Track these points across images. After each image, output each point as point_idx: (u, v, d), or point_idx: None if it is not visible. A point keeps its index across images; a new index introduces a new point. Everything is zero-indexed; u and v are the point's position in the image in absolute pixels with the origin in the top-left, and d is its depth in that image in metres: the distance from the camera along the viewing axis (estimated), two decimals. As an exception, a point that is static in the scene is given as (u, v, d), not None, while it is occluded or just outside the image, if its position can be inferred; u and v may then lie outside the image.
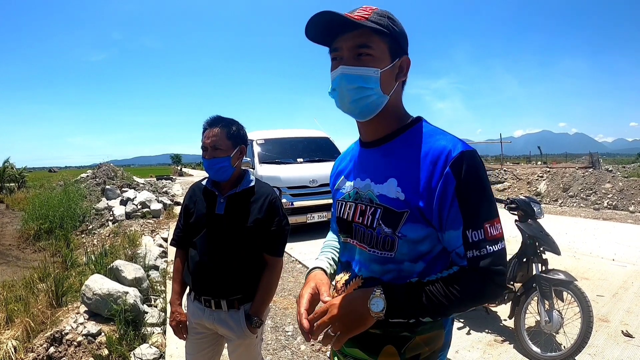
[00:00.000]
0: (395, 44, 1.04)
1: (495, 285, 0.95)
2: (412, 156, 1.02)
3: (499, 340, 3.37)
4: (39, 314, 3.91)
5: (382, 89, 1.03)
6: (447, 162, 0.96)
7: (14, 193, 17.35)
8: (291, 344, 3.47)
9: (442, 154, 0.97)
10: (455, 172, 0.95)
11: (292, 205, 7.39)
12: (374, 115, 1.07)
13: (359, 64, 1.01)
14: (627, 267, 5.27)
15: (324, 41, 1.09)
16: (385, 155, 1.09)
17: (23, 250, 9.25)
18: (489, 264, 0.95)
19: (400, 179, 1.02)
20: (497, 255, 0.96)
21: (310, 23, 1.02)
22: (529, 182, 13.59)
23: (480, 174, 0.97)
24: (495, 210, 1.00)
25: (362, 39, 1.01)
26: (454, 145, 0.98)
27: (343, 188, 1.21)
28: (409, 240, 1.00)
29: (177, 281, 2.01)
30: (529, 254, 3.25)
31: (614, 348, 3.19)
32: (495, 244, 0.96)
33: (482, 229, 0.96)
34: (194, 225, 1.92)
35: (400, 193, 1.01)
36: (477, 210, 0.96)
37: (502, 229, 1.00)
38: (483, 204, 0.97)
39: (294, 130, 9.57)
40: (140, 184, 14.97)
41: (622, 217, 9.37)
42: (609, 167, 14.87)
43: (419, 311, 0.95)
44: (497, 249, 0.97)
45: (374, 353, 1.07)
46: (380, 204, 1.04)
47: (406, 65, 1.09)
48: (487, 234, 0.96)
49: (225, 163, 1.83)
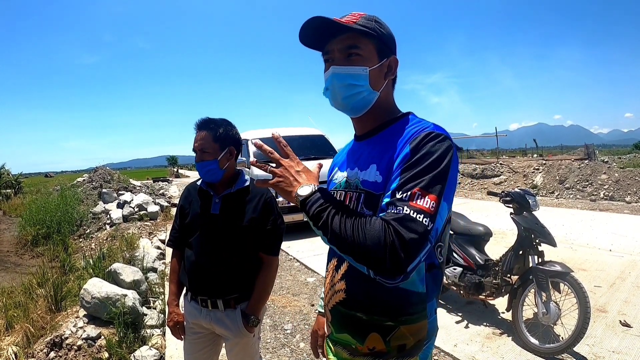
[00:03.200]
0: (382, 45, 1.12)
1: (392, 249, 0.86)
2: (391, 143, 1.07)
3: (497, 333, 3.39)
4: (39, 319, 3.90)
5: (371, 86, 1.11)
6: (409, 139, 1.01)
7: (10, 199, 17.28)
8: (290, 342, 3.47)
9: (413, 135, 1.02)
10: (412, 146, 0.98)
11: (288, 203, 7.38)
12: (366, 110, 1.15)
13: (348, 63, 1.10)
14: (624, 257, 5.30)
15: (317, 46, 1.17)
16: (372, 146, 1.15)
17: (21, 256, 9.22)
18: (395, 219, 0.89)
19: (379, 164, 1.07)
20: (412, 222, 0.88)
21: (303, 29, 1.10)
22: (525, 175, 13.64)
23: (436, 152, 0.96)
24: (439, 191, 0.93)
25: (351, 41, 1.09)
26: (425, 127, 1.03)
27: (336, 179, 1.27)
28: None
29: (174, 282, 2.02)
30: (525, 247, 3.27)
31: (612, 338, 3.21)
32: (415, 212, 0.89)
33: (410, 192, 0.92)
34: (190, 225, 1.93)
35: (378, 176, 1.06)
36: (414, 178, 0.93)
37: (435, 211, 0.92)
38: (424, 176, 0.93)
39: (288, 129, 9.56)
40: (136, 186, 14.95)
41: (618, 208, 9.42)
42: (605, 158, 14.94)
43: (322, 224, 0.95)
44: (416, 217, 0.89)
45: (361, 337, 1.11)
46: (363, 189, 1.10)
47: (394, 65, 1.16)
48: (413, 199, 0.91)
49: (213, 166, 1.84)
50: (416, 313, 1.06)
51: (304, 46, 1.17)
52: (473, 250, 3.69)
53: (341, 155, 1.34)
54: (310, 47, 1.18)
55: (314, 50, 1.19)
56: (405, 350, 1.07)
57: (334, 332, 1.20)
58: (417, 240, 0.87)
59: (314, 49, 1.19)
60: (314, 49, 1.19)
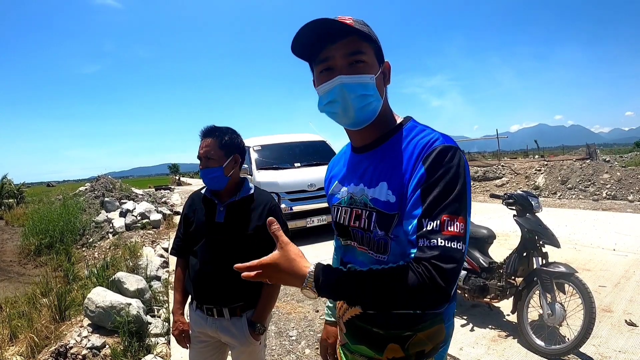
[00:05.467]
0: (378, 50, 1.06)
1: (434, 285, 0.85)
2: (399, 158, 1.02)
3: (503, 335, 3.38)
4: (43, 329, 3.89)
5: (379, 94, 1.05)
6: (421, 157, 0.96)
7: (13, 209, 17.32)
8: (295, 348, 3.47)
9: (422, 151, 0.97)
10: (426, 166, 0.94)
11: (291, 210, 7.38)
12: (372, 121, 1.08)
13: (355, 71, 1.01)
14: (629, 256, 5.28)
15: (307, 55, 1.09)
16: (376, 160, 1.09)
17: (24, 266, 9.23)
18: (433, 257, 0.87)
19: (390, 182, 1.02)
20: (448, 252, 0.87)
21: (300, 34, 1.01)
22: (527, 176, 13.62)
23: (453, 169, 0.93)
24: (464, 210, 0.92)
25: (355, 46, 1.01)
26: (434, 141, 0.97)
27: (338, 193, 1.22)
28: (401, 241, 1.00)
29: (179, 290, 2.02)
30: (528, 248, 3.26)
31: (618, 338, 3.20)
32: (449, 240, 0.88)
33: (439, 221, 0.89)
34: (194, 233, 1.93)
35: (390, 195, 1.01)
36: (438, 202, 0.91)
37: (465, 231, 0.91)
38: (447, 198, 0.91)
39: (290, 135, 9.59)
40: (139, 195, 14.95)
41: (621, 207, 9.39)
42: (607, 157, 14.92)
43: (351, 299, 0.93)
44: (450, 246, 0.88)
45: (379, 350, 1.09)
46: (374, 208, 1.04)
47: (388, 70, 1.11)
48: (443, 227, 0.89)
49: (218, 173, 1.84)
50: (432, 319, 1.06)
51: (295, 56, 1.09)
52: (477, 253, 3.68)
53: (338, 166, 1.28)
54: (301, 56, 1.10)
55: (303, 60, 1.12)
56: (423, 355, 1.07)
57: (350, 343, 1.19)
58: (455, 268, 0.88)
59: (304, 59, 1.11)
60: (304, 59, 1.11)
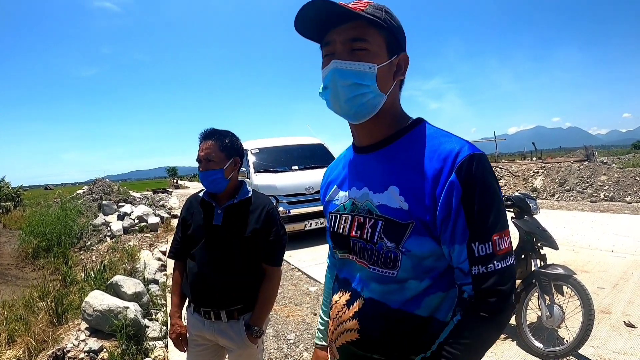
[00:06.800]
0: (392, 39, 0.96)
1: (503, 309, 0.86)
2: (415, 161, 0.92)
3: (502, 337, 3.36)
4: (40, 332, 3.88)
5: (379, 86, 0.94)
6: (453, 167, 0.86)
7: (10, 212, 17.24)
8: (293, 351, 3.45)
9: (448, 158, 0.87)
10: (461, 179, 0.85)
11: (289, 213, 7.37)
12: (371, 116, 0.97)
13: (353, 58, 0.92)
14: (627, 257, 5.29)
15: (315, 36, 0.99)
16: (384, 160, 0.98)
17: (22, 269, 9.18)
18: (494, 283, 0.85)
19: (403, 187, 0.92)
20: (505, 272, 0.86)
21: (300, 14, 0.93)
22: (525, 178, 13.64)
23: (489, 180, 0.87)
24: (505, 220, 0.89)
25: (358, 32, 0.92)
26: (461, 148, 0.88)
27: (336, 199, 1.10)
28: (414, 255, 0.90)
29: (176, 293, 2.01)
30: (527, 250, 3.26)
31: (616, 339, 3.20)
32: (503, 260, 0.86)
33: (491, 242, 0.85)
34: (192, 236, 1.93)
35: (403, 202, 0.91)
36: (485, 221, 0.85)
37: (511, 242, 0.90)
38: (492, 214, 0.86)
39: (287, 138, 9.58)
40: (136, 198, 14.92)
41: (619, 208, 9.41)
42: (604, 159, 14.95)
43: None
44: (505, 266, 0.86)
45: None
46: (382, 215, 0.93)
47: (405, 63, 1.00)
48: (496, 247, 0.85)
49: (219, 175, 1.84)
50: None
51: (301, 35, 0.99)
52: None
53: (337, 170, 1.16)
54: (308, 37, 0.99)
55: (311, 41, 1.00)
56: None
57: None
58: (512, 284, 0.87)
59: (312, 40, 1.00)
60: (312, 40, 1.00)
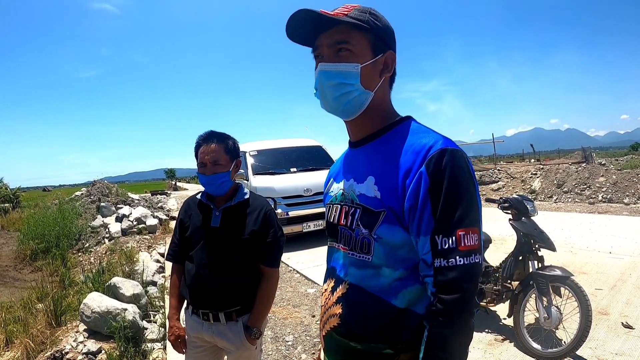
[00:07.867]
0: (377, 39, 1.01)
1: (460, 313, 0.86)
2: (393, 154, 0.96)
3: (499, 339, 3.37)
4: (39, 334, 3.87)
5: (363, 84, 1.00)
6: (424, 160, 0.89)
7: (8, 213, 17.20)
8: (292, 353, 3.45)
9: (421, 151, 0.91)
10: (430, 171, 0.88)
11: (288, 215, 7.36)
12: (360, 113, 1.03)
13: (337, 60, 0.99)
14: (625, 259, 5.31)
15: (306, 41, 1.07)
16: (369, 153, 1.04)
17: (20, 270, 9.16)
18: (454, 278, 0.85)
19: (378, 177, 0.97)
20: (467, 270, 0.86)
21: (290, 23, 1.00)
22: (523, 180, 13.67)
23: (459, 175, 0.88)
24: (476, 219, 0.89)
25: (341, 35, 0.99)
26: (435, 142, 0.91)
27: (332, 191, 1.17)
28: (385, 243, 0.95)
29: (175, 296, 2.01)
30: (524, 252, 3.27)
31: (614, 340, 3.21)
32: (467, 257, 0.86)
33: (454, 237, 0.86)
34: (190, 238, 1.93)
35: (377, 192, 0.96)
36: (451, 215, 0.87)
37: (480, 241, 0.89)
38: (459, 209, 0.87)
39: (286, 140, 9.59)
40: (135, 200, 14.90)
41: (617, 210, 9.44)
42: (602, 160, 14.98)
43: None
44: (468, 263, 0.86)
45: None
46: (360, 204, 1.00)
47: (391, 61, 1.05)
48: (460, 242, 0.86)
49: (226, 178, 1.85)
50: (417, 338, 0.93)
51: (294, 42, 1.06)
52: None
53: (337, 165, 1.24)
54: (300, 43, 1.07)
55: (304, 46, 1.08)
56: None
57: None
58: (474, 285, 0.88)
59: (304, 45, 1.08)
60: (304, 45, 1.08)
